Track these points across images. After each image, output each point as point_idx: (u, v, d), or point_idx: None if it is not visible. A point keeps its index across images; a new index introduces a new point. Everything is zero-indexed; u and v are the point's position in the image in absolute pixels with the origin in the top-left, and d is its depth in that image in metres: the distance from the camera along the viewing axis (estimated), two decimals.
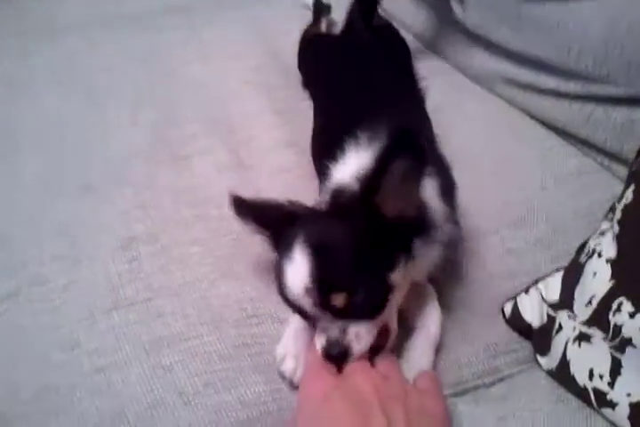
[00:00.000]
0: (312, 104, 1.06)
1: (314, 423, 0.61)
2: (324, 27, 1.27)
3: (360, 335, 0.66)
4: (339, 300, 0.64)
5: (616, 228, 0.72)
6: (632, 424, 0.62)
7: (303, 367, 0.71)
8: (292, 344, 0.74)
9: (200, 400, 0.70)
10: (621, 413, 0.64)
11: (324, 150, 0.84)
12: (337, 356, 0.66)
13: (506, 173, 0.97)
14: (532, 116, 1.07)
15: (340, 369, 0.66)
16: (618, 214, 0.73)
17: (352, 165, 0.74)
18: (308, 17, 1.30)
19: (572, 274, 0.77)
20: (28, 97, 1.18)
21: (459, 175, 0.83)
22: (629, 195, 0.73)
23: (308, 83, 1.14)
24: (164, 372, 0.72)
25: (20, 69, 1.25)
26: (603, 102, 0.96)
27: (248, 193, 0.81)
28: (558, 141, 1.02)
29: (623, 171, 0.94)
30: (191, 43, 1.31)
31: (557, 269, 0.82)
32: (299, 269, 0.65)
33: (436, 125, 0.99)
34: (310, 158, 0.95)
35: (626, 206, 0.73)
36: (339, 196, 0.71)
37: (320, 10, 1.29)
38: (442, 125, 1.01)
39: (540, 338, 0.78)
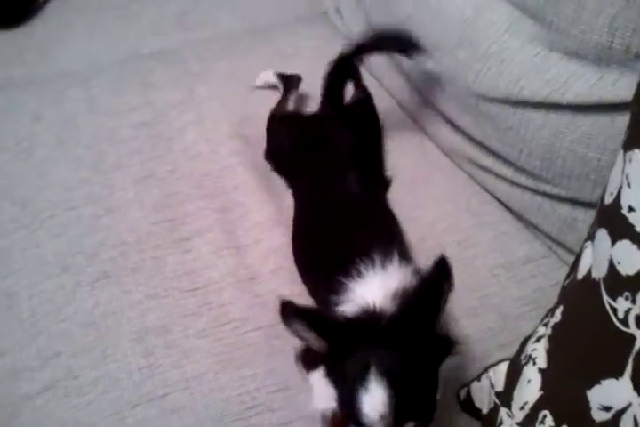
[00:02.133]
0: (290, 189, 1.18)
1: None
2: (291, 104, 1.32)
3: None
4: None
5: (546, 342, 0.88)
6: None
7: None
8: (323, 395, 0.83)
9: None
10: None
11: (317, 261, 1.00)
12: None
13: (463, 258, 1.10)
14: (493, 196, 1.21)
15: None
16: (549, 330, 0.88)
17: (375, 284, 0.85)
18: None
19: (513, 373, 0.91)
20: (37, 163, 1.29)
21: (421, 258, 0.98)
22: (558, 314, 0.88)
23: (281, 169, 1.22)
24: None
25: (27, 131, 1.36)
26: (550, 197, 1.09)
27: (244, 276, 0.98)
28: (513, 225, 1.16)
29: (568, 256, 1.07)
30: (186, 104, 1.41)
31: (503, 360, 0.97)
32: (375, 398, 0.71)
33: (408, 201, 1.14)
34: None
35: (555, 324, 0.88)
36: (374, 314, 0.80)
37: (289, 84, 1.33)
38: (412, 202, 1.16)
39: (488, 422, 0.95)
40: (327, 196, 1.10)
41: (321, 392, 0.85)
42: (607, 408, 0.72)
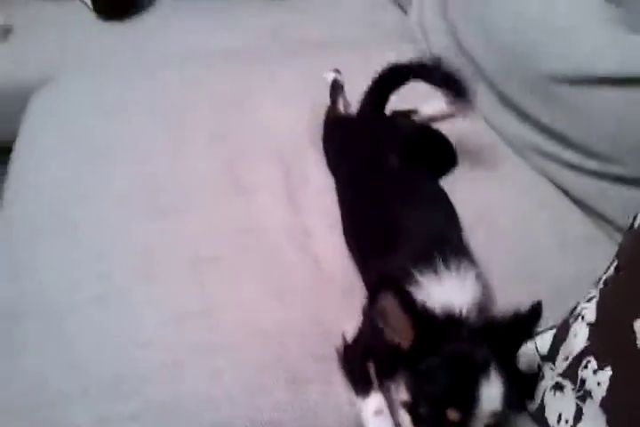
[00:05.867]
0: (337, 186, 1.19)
1: None
2: (341, 107, 1.36)
3: None
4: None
5: (598, 296, 0.86)
6: None
7: None
8: None
9: None
10: None
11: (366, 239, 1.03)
12: None
13: (520, 233, 1.11)
14: (556, 185, 1.21)
15: None
16: (601, 284, 0.87)
17: (455, 288, 0.86)
18: None
19: (561, 332, 0.91)
20: (126, 122, 1.37)
21: (480, 232, 1.00)
22: (612, 269, 0.87)
23: (334, 167, 1.24)
24: None
25: (120, 94, 1.46)
26: (615, 181, 1.09)
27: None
28: (572, 209, 1.17)
29: None
30: (265, 81, 1.48)
31: (551, 327, 0.95)
32: (496, 391, 0.75)
33: (469, 184, 1.16)
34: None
35: (607, 279, 0.87)
36: (460, 320, 0.81)
37: (336, 89, 1.38)
38: (474, 185, 1.17)
39: (528, 383, 0.92)
40: (379, 179, 1.13)
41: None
42: None
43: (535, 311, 0.79)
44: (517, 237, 1.11)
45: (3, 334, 0.97)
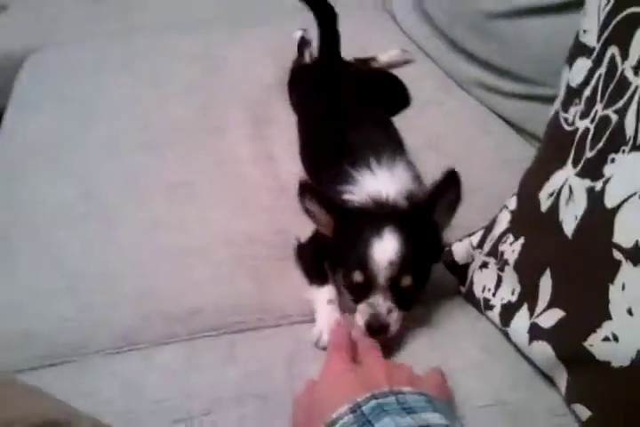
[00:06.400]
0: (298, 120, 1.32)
1: (329, 390, 0.70)
2: (307, 59, 1.51)
3: (397, 320, 0.84)
4: (407, 281, 0.84)
5: (517, 187, 0.98)
6: (500, 318, 0.88)
7: (328, 347, 0.82)
8: (325, 323, 0.89)
9: None
10: (496, 311, 0.89)
11: (319, 157, 1.15)
12: (378, 329, 0.83)
13: (466, 155, 1.23)
14: (496, 114, 1.34)
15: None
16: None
17: (386, 179, 0.96)
18: None
19: (490, 224, 1.02)
20: (107, 78, 1.52)
21: (431, 156, 1.12)
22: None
23: (296, 105, 1.38)
24: None
25: (102, 58, 1.60)
26: (544, 102, 1.20)
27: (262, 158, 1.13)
28: (511, 133, 1.29)
29: None
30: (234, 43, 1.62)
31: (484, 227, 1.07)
32: (389, 247, 0.83)
33: (423, 118, 1.28)
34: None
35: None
36: (386, 205, 0.92)
37: (303, 44, 1.53)
38: (426, 118, 1.30)
39: (462, 272, 1.04)
40: (332, 110, 1.25)
41: (325, 318, 0.91)
42: (550, 194, 0.82)
43: (452, 179, 0.87)
44: (464, 159, 1.21)
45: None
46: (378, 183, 0.96)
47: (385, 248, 0.84)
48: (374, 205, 0.92)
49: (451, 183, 0.88)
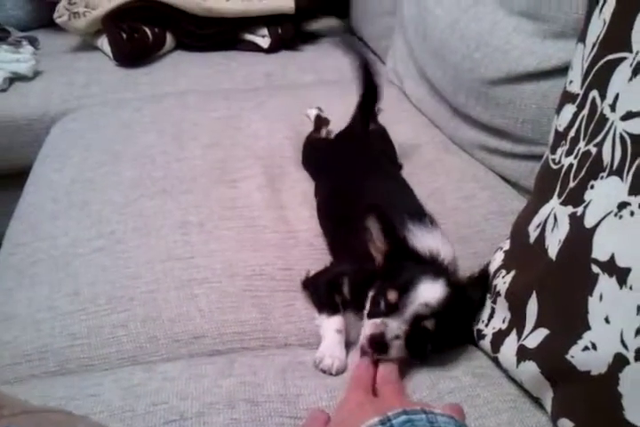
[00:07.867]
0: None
1: (346, 418, 0.71)
2: (323, 134, 1.58)
3: (398, 349, 0.86)
4: (429, 324, 0.86)
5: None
6: (491, 345, 0.91)
7: (350, 379, 0.84)
8: (330, 349, 0.92)
9: None
10: (487, 340, 0.92)
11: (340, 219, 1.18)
12: (378, 344, 0.85)
13: (464, 208, 1.30)
14: (496, 173, 1.42)
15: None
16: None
17: (438, 239, 1.02)
18: None
19: (485, 266, 1.07)
20: (135, 133, 1.62)
21: (435, 207, 1.20)
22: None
23: (312, 173, 1.43)
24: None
25: (132, 117, 1.72)
26: (540, 159, 1.28)
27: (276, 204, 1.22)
28: (509, 189, 1.37)
29: None
30: (254, 109, 1.74)
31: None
32: (435, 291, 0.88)
33: (426, 174, 1.37)
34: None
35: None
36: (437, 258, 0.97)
37: (320, 122, 1.60)
38: (429, 174, 1.38)
39: None
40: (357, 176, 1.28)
41: (330, 345, 0.94)
42: (537, 225, 0.88)
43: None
44: (462, 211, 1.30)
45: (22, 275, 1.16)
46: (434, 242, 1.00)
47: (432, 289, 0.88)
48: (430, 257, 0.96)
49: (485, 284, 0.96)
